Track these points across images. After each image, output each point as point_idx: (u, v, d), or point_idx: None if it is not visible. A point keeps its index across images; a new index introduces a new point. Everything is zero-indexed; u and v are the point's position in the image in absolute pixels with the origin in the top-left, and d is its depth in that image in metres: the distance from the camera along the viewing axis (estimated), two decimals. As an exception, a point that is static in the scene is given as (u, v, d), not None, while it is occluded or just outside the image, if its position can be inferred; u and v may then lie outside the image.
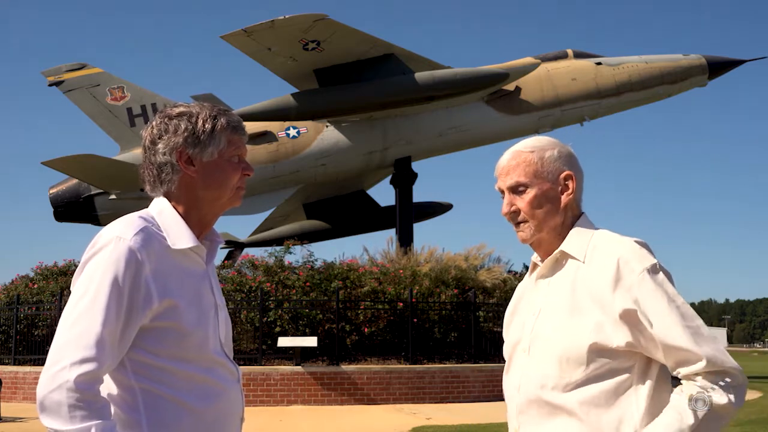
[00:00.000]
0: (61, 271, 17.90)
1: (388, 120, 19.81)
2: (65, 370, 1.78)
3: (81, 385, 1.77)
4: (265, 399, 13.70)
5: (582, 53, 21.13)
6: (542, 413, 2.01)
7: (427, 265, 16.73)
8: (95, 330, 1.82)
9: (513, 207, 2.15)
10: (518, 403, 2.07)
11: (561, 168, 2.15)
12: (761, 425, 10.73)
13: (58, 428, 1.76)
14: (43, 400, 1.78)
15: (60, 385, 1.77)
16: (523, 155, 2.16)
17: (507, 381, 2.17)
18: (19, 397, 15.00)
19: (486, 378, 14.89)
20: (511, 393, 2.13)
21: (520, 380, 2.08)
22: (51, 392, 1.77)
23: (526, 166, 2.14)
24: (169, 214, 2.02)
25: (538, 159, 2.14)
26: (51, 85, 19.60)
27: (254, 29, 16.92)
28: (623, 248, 2.04)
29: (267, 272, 16.07)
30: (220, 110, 2.10)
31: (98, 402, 1.80)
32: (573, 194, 2.15)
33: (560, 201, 2.14)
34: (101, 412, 1.80)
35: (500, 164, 2.21)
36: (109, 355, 1.83)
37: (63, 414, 1.76)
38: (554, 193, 2.14)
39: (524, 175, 2.14)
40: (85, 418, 1.76)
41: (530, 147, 2.17)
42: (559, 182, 2.14)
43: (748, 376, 2.85)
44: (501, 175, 2.19)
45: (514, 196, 2.16)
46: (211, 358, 1.99)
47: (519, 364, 2.11)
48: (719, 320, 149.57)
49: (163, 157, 2.04)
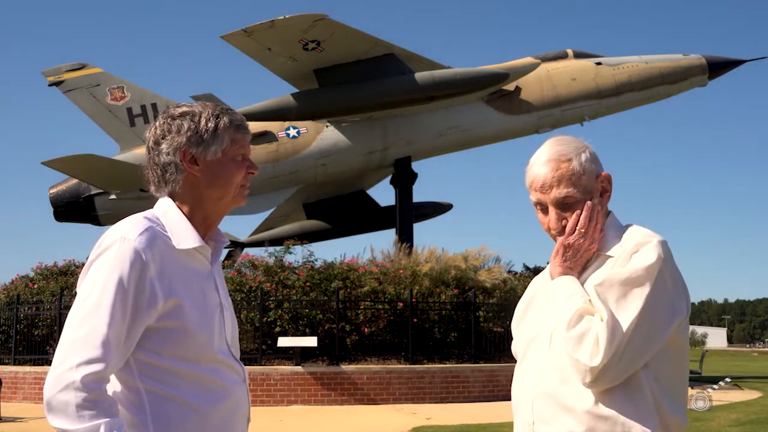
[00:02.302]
0: (61, 271, 17.87)
1: (388, 120, 19.81)
2: (72, 370, 1.79)
3: (88, 384, 1.78)
4: (265, 399, 13.70)
5: (582, 53, 21.13)
6: (559, 408, 1.98)
7: (427, 265, 16.72)
8: (101, 330, 1.82)
9: (564, 221, 2.07)
10: (534, 397, 2.03)
11: (597, 170, 2.10)
12: (761, 425, 10.74)
13: (67, 428, 1.77)
14: (50, 400, 1.79)
15: (67, 385, 1.78)
16: (562, 165, 2.07)
17: (521, 374, 2.13)
18: (19, 397, 15.00)
19: (486, 378, 14.89)
20: (525, 386, 2.08)
21: (538, 374, 2.03)
22: (58, 392, 1.78)
23: (570, 176, 2.06)
24: (173, 214, 2.03)
25: (578, 166, 2.07)
26: (51, 85, 19.59)
27: (254, 29, 16.92)
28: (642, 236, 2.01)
29: (267, 272, 16.06)
30: (223, 109, 2.10)
31: (106, 401, 1.81)
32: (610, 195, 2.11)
33: (602, 205, 2.10)
34: (109, 410, 1.80)
35: (539, 177, 2.09)
36: (115, 355, 1.84)
37: (70, 414, 1.77)
38: (597, 199, 2.09)
39: (572, 186, 2.05)
40: (93, 417, 1.77)
41: (565, 155, 2.08)
42: (598, 186, 2.09)
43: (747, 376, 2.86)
44: (542, 188, 2.08)
45: (561, 211, 2.07)
46: (217, 358, 1.99)
47: (537, 358, 2.06)
48: (719, 320, 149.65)
49: (166, 157, 2.04)
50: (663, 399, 1.94)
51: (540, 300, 2.19)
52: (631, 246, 1.99)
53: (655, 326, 1.92)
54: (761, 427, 10.58)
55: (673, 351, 1.98)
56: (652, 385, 1.94)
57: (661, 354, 1.95)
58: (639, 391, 1.93)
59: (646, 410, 1.92)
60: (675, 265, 2.00)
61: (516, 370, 2.17)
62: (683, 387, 2.03)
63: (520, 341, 2.19)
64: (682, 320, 1.97)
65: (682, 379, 2.03)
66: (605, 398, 1.92)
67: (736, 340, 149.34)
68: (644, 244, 1.97)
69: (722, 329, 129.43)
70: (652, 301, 1.91)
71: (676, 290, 1.96)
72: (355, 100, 18.35)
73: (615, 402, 1.92)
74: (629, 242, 2.02)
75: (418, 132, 19.97)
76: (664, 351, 1.96)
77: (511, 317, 2.31)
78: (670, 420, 1.95)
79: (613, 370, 1.88)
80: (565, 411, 1.96)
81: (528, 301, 2.25)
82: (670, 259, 1.98)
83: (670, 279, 1.95)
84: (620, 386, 1.92)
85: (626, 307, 1.91)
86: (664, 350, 1.96)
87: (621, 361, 1.88)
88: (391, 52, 18.56)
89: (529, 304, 2.24)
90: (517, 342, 2.21)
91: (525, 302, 2.26)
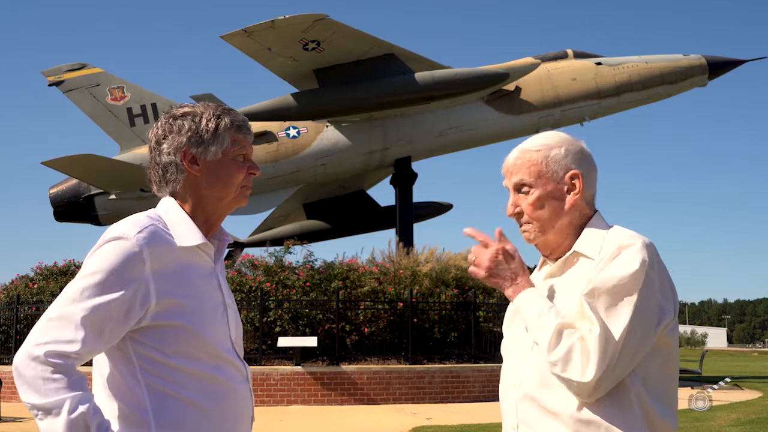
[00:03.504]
0: (61, 271, 17.86)
1: (388, 120, 19.82)
2: (39, 346, 1.81)
3: (54, 358, 1.80)
4: (265, 399, 13.69)
5: (582, 53, 21.14)
6: (542, 411, 1.96)
7: (427, 265, 16.73)
8: (77, 314, 1.83)
9: (517, 208, 2.11)
10: (517, 399, 2.02)
11: (568, 166, 2.08)
12: (761, 425, 10.73)
13: (34, 402, 1.80)
14: (19, 375, 1.82)
15: (33, 359, 1.80)
16: (528, 154, 2.10)
17: (505, 377, 2.12)
18: (19, 397, 14.96)
19: (486, 378, 14.89)
20: (508, 389, 2.07)
21: (521, 376, 2.02)
22: (26, 367, 1.81)
23: (530, 166, 2.09)
24: (176, 212, 2.03)
25: (542, 158, 2.08)
26: (51, 85, 19.59)
27: (254, 29, 16.93)
28: (626, 237, 1.99)
29: (267, 272, 16.05)
30: (224, 110, 2.10)
31: (74, 375, 1.82)
32: (580, 194, 2.07)
33: (566, 201, 2.07)
34: (77, 383, 1.81)
35: (506, 162, 2.16)
36: (89, 342, 1.83)
37: (38, 387, 1.80)
38: (559, 194, 2.07)
39: (528, 175, 2.08)
40: (60, 390, 1.78)
41: (537, 145, 2.11)
42: (565, 182, 2.07)
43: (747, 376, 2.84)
44: (506, 173, 2.15)
45: (518, 196, 2.11)
46: (221, 356, 1.99)
47: (521, 361, 2.05)
48: (719, 320, 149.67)
49: (167, 157, 2.05)
50: (651, 403, 1.92)
51: None
52: (614, 248, 1.95)
53: (646, 331, 1.90)
54: (761, 427, 10.58)
55: (661, 353, 1.96)
56: (639, 390, 1.92)
57: (648, 357, 1.93)
58: (625, 396, 1.91)
59: (632, 415, 1.91)
60: (662, 267, 1.97)
61: (501, 373, 2.16)
62: (673, 389, 2.01)
63: (507, 342, 2.19)
64: (668, 321, 1.94)
65: (671, 381, 2.01)
66: (590, 403, 1.90)
67: (736, 340, 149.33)
68: (627, 247, 1.94)
69: (722, 329, 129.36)
70: (641, 307, 1.89)
71: (663, 292, 1.94)
72: (355, 100, 18.36)
73: (600, 407, 1.90)
74: (611, 244, 1.98)
75: (418, 132, 19.98)
76: (652, 353, 1.94)
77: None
78: (659, 424, 1.93)
79: (607, 380, 1.87)
80: (549, 415, 1.95)
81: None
82: (656, 261, 1.95)
83: (657, 282, 1.93)
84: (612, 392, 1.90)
85: (617, 316, 1.89)
86: (652, 353, 1.94)
87: (614, 371, 1.87)
88: (391, 52, 18.57)
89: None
90: (504, 343, 2.21)
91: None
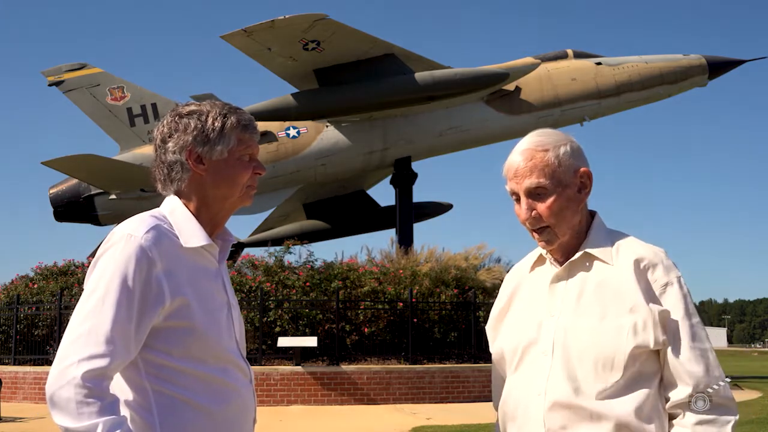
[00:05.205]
0: (61, 271, 17.86)
1: (388, 120, 19.81)
2: (73, 366, 1.77)
3: (89, 381, 1.76)
4: (265, 399, 13.68)
5: (582, 53, 21.13)
6: (577, 418, 1.91)
7: (427, 265, 16.73)
8: (105, 327, 1.81)
9: (534, 212, 2.01)
10: (544, 408, 1.94)
11: (576, 165, 2.03)
12: (761, 425, 10.73)
13: (68, 425, 1.76)
14: (52, 396, 1.78)
15: (68, 381, 1.76)
16: (538, 155, 2.01)
17: (519, 384, 2.03)
18: (19, 397, 14.99)
19: (486, 378, 14.87)
20: (530, 397, 1.99)
21: (545, 384, 1.95)
22: (60, 388, 1.77)
23: (543, 167, 2.00)
24: (180, 212, 2.02)
25: (554, 158, 2.00)
26: (51, 85, 19.58)
27: (254, 29, 16.92)
28: (651, 253, 2.01)
29: (267, 272, 16.05)
30: (231, 108, 2.09)
31: (107, 398, 1.79)
32: (589, 192, 2.05)
33: (578, 200, 2.03)
34: (110, 408, 1.79)
35: (512, 165, 2.04)
36: (119, 353, 1.82)
37: (71, 410, 1.76)
38: (573, 193, 2.02)
39: (544, 177, 1.99)
40: (93, 414, 1.75)
41: (542, 145, 2.03)
42: (576, 180, 2.03)
43: (747, 376, 2.84)
44: (515, 177, 2.03)
45: (532, 201, 2.01)
46: (225, 358, 1.98)
47: (540, 367, 1.98)
48: (719, 320, 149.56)
49: (173, 155, 2.03)
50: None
51: (525, 299, 2.12)
52: (659, 272, 1.99)
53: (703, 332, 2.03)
54: (761, 427, 10.58)
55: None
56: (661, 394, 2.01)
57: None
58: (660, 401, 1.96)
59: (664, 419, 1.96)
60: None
61: (509, 379, 2.08)
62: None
63: (509, 346, 2.08)
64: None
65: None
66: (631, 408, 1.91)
67: (736, 340, 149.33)
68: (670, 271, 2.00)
69: (722, 329, 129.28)
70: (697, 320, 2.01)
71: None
72: (355, 100, 18.35)
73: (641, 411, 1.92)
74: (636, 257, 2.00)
75: (418, 132, 19.97)
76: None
77: None
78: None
79: (720, 379, 1.98)
80: (586, 421, 1.91)
81: (507, 302, 2.17)
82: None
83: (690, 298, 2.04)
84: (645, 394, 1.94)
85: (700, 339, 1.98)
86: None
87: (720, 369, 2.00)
88: (391, 52, 18.56)
89: (509, 304, 2.16)
90: (506, 347, 2.10)
91: (503, 304, 2.18)
